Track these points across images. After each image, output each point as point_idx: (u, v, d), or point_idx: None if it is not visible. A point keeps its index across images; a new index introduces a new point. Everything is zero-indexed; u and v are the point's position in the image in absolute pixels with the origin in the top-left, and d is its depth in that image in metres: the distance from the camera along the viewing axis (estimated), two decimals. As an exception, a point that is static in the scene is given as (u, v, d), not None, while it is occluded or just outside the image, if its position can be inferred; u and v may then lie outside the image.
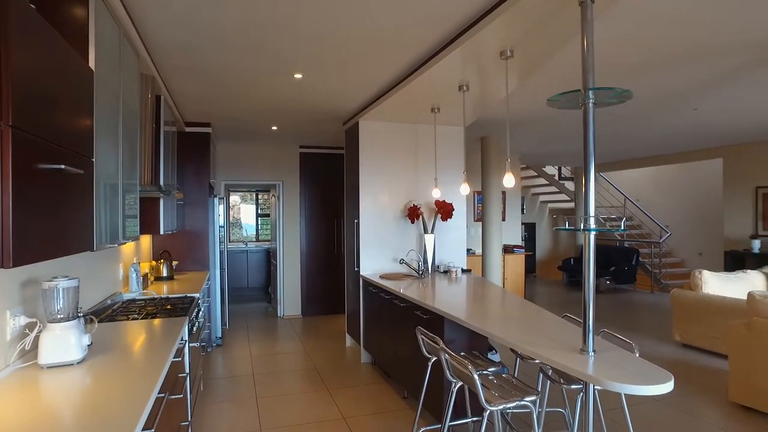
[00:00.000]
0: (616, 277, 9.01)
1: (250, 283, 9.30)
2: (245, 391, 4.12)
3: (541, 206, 11.92)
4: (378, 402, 3.90)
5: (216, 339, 5.56)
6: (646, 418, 3.57)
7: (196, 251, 5.41)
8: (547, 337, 2.32)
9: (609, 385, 1.77)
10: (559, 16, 2.38)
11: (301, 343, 5.72)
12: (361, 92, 4.18)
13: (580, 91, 2.03)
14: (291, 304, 7.25)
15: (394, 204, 5.04)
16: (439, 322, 3.17)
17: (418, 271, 4.62)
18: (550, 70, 3.56)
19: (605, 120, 5.52)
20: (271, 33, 2.84)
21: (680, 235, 10.01)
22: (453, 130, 5.18)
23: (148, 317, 2.80)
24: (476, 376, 2.14)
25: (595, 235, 2.07)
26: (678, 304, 5.47)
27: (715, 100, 4.57)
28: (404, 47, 3.07)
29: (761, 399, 3.59)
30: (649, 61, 3.41)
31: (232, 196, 10.32)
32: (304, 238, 7.25)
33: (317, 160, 7.31)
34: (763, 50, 3.19)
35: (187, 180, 5.40)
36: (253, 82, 3.85)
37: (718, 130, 6.29)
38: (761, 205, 7.34)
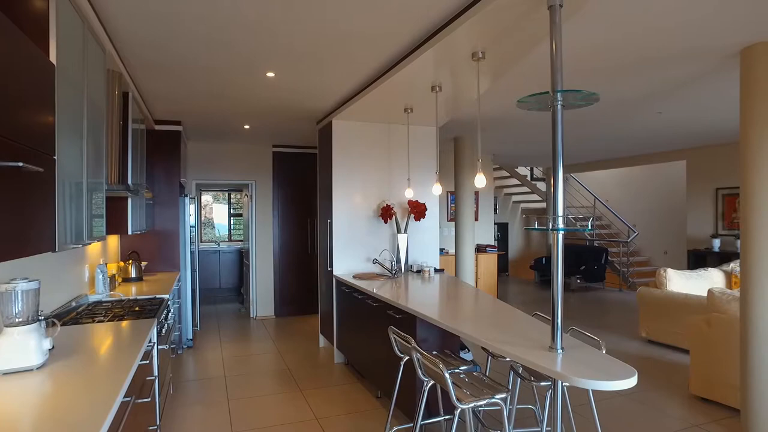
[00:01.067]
0: (586, 275, 9.22)
1: (222, 283, 9.16)
2: (216, 394, 4.06)
3: (513, 206, 12.10)
4: (351, 402, 3.89)
5: (187, 341, 5.46)
6: (613, 412, 3.67)
7: (167, 252, 5.30)
8: (518, 336, 2.35)
9: (576, 382, 1.81)
10: (528, 19, 2.42)
11: (273, 344, 5.67)
12: (334, 92, 4.17)
13: (548, 93, 2.07)
14: (264, 305, 7.17)
15: (368, 204, 5.04)
16: (411, 321, 3.18)
17: (391, 271, 4.63)
18: (523, 71, 3.62)
19: (575, 122, 5.64)
20: (242, 31, 2.81)
21: (647, 234, 10.31)
22: (426, 131, 5.22)
23: (114, 319, 2.73)
24: (447, 374, 2.16)
25: (563, 235, 2.11)
26: (644, 302, 5.63)
27: (678, 104, 4.72)
28: (377, 47, 3.07)
29: (719, 391, 3.72)
30: (616, 66, 3.50)
31: (204, 195, 10.14)
32: (277, 238, 7.19)
33: (291, 160, 7.25)
34: (722, 56, 3.31)
35: (157, 179, 5.28)
36: (224, 80, 3.79)
37: (682, 133, 6.50)
38: (721, 205, 7.62)
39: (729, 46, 3.13)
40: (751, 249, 3.12)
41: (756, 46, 3.08)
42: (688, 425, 3.44)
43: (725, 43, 3.06)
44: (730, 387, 3.65)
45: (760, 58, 3.07)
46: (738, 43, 3.08)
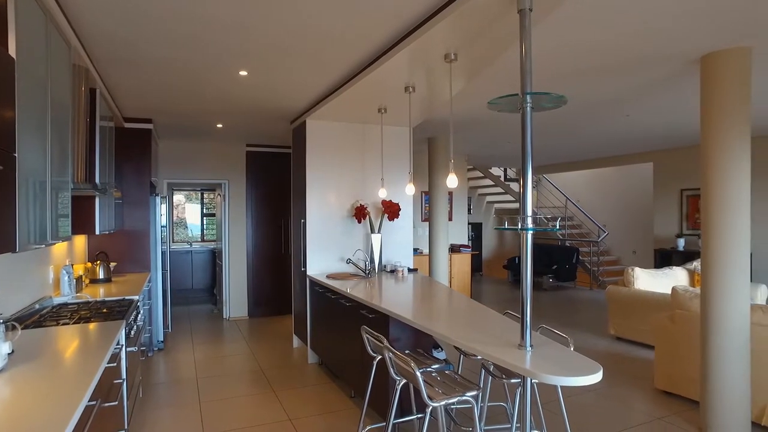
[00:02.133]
0: (558, 275, 9.40)
1: (194, 284, 9.02)
2: (188, 396, 4.00)
3: (487, 206, 12.25)
4: (325, 402, 3.88)
5: (157, 343, 5.35)
6: (582, 407, 3.75)
7: (137, 252, 5.19)
8: (489, 334, 2.39)
9: (544, 378, 1.85)
10: (499, 22, 2.46)
11: (247, 344, 5.61)
12: (308, 91, 4.15)
13: (518, 95, 2.10)
14: (237, 306, 7.09)
15: (342, 204, 5.04)
16: (384, 321, 3.20)
17: (365, 271, 4.63)
18: (497, 73, 3.67)
19: (547, 123, 5.75)
20: (214, 28, 2.77)
21: (616, 234, 10.57)
22: (400, 131, 5.24)
23: (80, 322, 2.66)
24: (419, 373, 2.18)
25: (532, 234, 2.15)
26: (613, 300, 5.77)
27: (644, 107, 4.86)
28: (351, 47, 3.07)
29: (682, 385, 3.85)
30: (584, 69, 3.59)
31: (177, 195, 9.96)
32: (250, 238, 7.11)
33: (264, 159, 7.18)
34: (684, 63, 3.42)
35: (127, 178, 5.17)
36: (195, 77, 3.73)
37: (648, 136, 6.69)
38: (685, 206, 7.87)
39: (690, 53, 3.24)
40: (711, 248, 3.24)
41: (714, 54, 3.20)
42: (651, 418, 3.55)
43: (686, 50, 3.17)
44: (691, 381, 3.77)
45: (718, 66, 3.19)
46: (698, 51, 3.19)
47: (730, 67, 3.15)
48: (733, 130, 3.15)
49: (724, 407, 3.20)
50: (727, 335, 3.18)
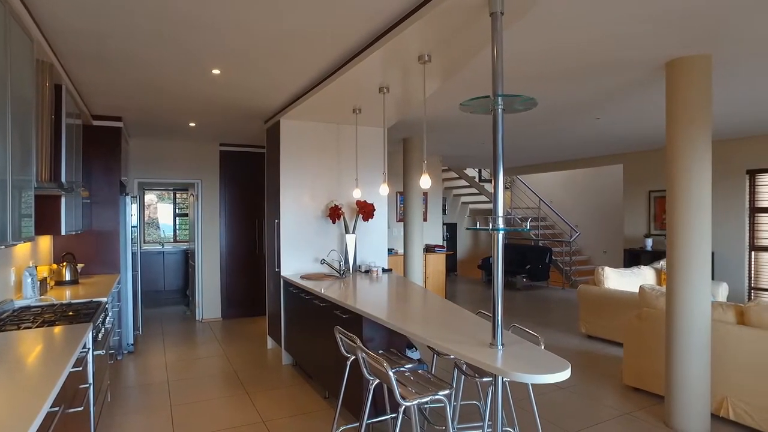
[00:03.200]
0: (531, 274, 9.54)
1: (166, 285, 8.84)
2: (158, 400, 3.92)
3: (462, 207, 12.36)
4: (299, 403, 3.86)
5: (127, 346, 5.23)
6: (553, 404, 3.82)
7: (106, 253, 5.06)
8: (461, 333, 2.41)
9: (514, 376, 1.88)
10: (472, 25, 2.49)
11: (220, 346, 5.53)
12: (282, 91, 4.12)
13: (489, 97, 2.13)
14: (210, 307, 6.98)
15: (316, 204, 5.01)
16: (358, 321, 3.20)
17: (340, 271, 4.62)
18: (472, 75, 3.71)
19: (520, 125, 5.83)
20: (187, 26, 2.73)
21: (588, 234, 10.80)
22: (374, 131, 5.25)
23: (44, 325, 2.58)
24: (391, 372, 2.19)
25: (510, 235, 2.18)
26: (583, 299, 5.89)
27: (614, 111, 4.98)
28: (325, 47, 3.06)
29: (649, 380, 3.96)
30: (556, 73, 3.65)
31: (148, 194, 9.75)
32: (224, 238, 7.01)
33: (238, 159, 7.10)
34: (650, 68, 3.52)
35: (95, 177, 5.03)
36: (166, 75, 3.67)
37: (618, 139, 6.86)
38: (653, 207, 8.10)
39: (655, 60, 3.33)
40: (675, 247, 3.34)
41: (678, 60, 3.30)
42: (619, 413, 3.64)
43: (652, 56, 3.26)
44: (657, 376, 3.89)
45: (681, 72, 3.30)
46: (663, 57, 3.29)
47: (692, 73, 3.26)
48: (695, 134, 3.26)
49: (687, 401, 3.30)
50: (689, 332, 3.29)
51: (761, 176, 6.75)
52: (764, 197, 6.76)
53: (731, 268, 6.95)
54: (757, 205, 6.81)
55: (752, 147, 6.72)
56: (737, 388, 3.36)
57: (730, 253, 6.97)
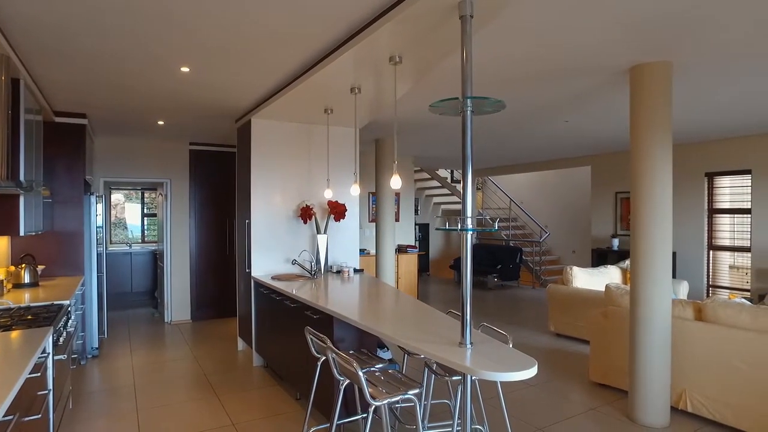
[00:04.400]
0: (502, 274, 9.68)
1: (134, 287, 8.62)
2: (124, 404, 3.82)
3: (434, 207, 12.45)
4: (270, 405, 3.82)
5: (92, 350, 5.08)
6: (523, 401, 3.89)
7: (69, 254, 4.90)
8: (431, 333, 2.43)
9: (483, 374, 1.91)
10: (442, 27, 2.51)
11: (189, 348, 5.43)
12: (253, 90, 4.07)
13: (458, 99, 2.16)
14: (180, 309, 6.85)
15: (287, 204, 4.97)
16: (328, 321, 3.19)
17: (311, 272, 4.60)
18: (444, 77, 3.73)
19: (491, 127, 5.91)
20: (152, 21, 2.67)
21: (558, 234, 11.03)
22: (346, 132, 5.24)
23: (0, 330, 2.48)
24: (361, 372, 2.19)
25: (474, 235, 2.21)
26: (552, 298, 6.01)
27: (582, 114, 5.10)
28: (296, 47, 3.04)
29: (613, 376, 4.07)
30: (525, 76, 3.72)
31: (115, 194, 9.50)
32: (194, 238, 6.89)
33: (209, 158, 6.98)
34: (614, 73, 3.62)
35: (58, 176, 4.87)
36: (133, 72, 3.58)
37: (586, 141, 7.03)
38: (620, 208, 8.33)
39: (619, 65, 3.43)
40: (639, 247, 3.45)
41: (640, 66, 3.41)
42: (586, 409, 3.74)
43: (616, 62, 3.36)
44: (621, 372, 4.00)
45: (644, 77, 3.40)
46: (626, 63, 3.39)
47: (653, 79, 3.37)
48: (657, 137, 3.37)
49: (648, 395, 3.41)
50: (651, 328, 3.40)
51: (719, 179, 7.03)
52: (721, 199, 7.03)
53: (691, 267, 7.20)
54: (715, 207, 7.08)
55: (711, 151, 6.98)
56: (695, 381, 3.49)
57: (690, 252, 7.22)
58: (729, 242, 6.97)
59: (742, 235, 6.81)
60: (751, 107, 4.82)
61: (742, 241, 6.79)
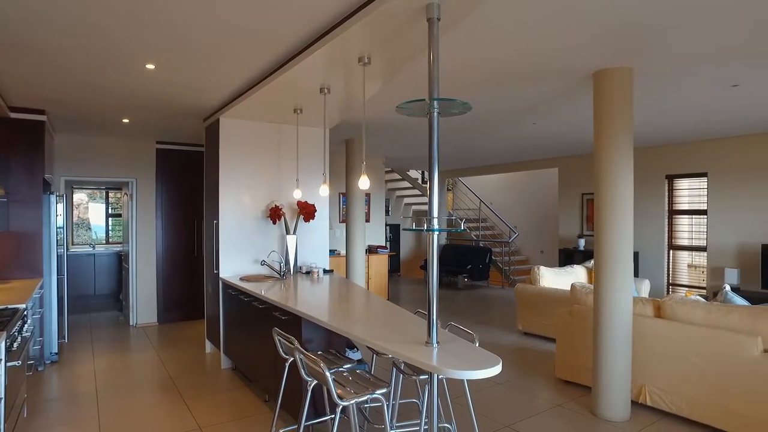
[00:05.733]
0: (472, 274, 9.80)
1: (97, 290, 8.37)
2: (84, 411, 3.70)
3: (405, 208, 12.51)
4: (238, 408, 3.77)
5: (50, 355, 4.90)
6: (490, 399, 3.95)
7: (26, 256, 4.73)
8: (399, 333, 2.45)
9: (448, 373, 1.93)
10: (410, 29, 2.53)
11: (155, 352, 5.30)
12: (221, 89, 4.01)
13: (425, 100, 2.18)
14: (145, 311, 6.68)
15: (256, 204, 4.92)
16: (297, 322, 3.17)
17: (280, 273, 4.56)
18: (415, 78, 3.76)
19: (459, 129, 5.99)
20: (115, 16, 2.60)
21: (526, 235, 11.23)
22: (315, 132, 5.21)
23: (-50, 334, 2.38)
24: (328, 373, 2.18)
25: (444, 235, 2.23)
26: (521, 297, 6.12)
27: (549, 116, 5.22)
28: (265, 45, 3.02)
29: (578, 373, 4.18)
30: (493, 78, 3.78)
31: (78, 193, 9.20)
32: (160, 239, 6.73)
33: (176, 157, 6.84)
34: (579, 78, 3.72)
35: (14, 174, 4.69)
36: (95, 68, 3.47)
37: (554, 143, 7.19)
38: (586, 208, 8.55)
39: (583, 69, 3.52)
40: (602, 246, 3.55)
41: (603, 71, 3.51)
42: (551, 405, 3.82)
43: (581, 66, 3.45)
44: (586, 369, 4.10)
45: (606, 82, 3.51)
46: (590, 68, 3.48)
47: (615, 84, 3.47)
48: (619, 140, 3.48)
49: (611, 390, 3.52)
50: (613, 325, 3.50)
51: (678, 181, 7.29)
52: (681, 200, 7.30)
53: (653, 266, 7.45)
54: (675, 208, 7.35)
55: (671, 154, 7.24)
56: (653, 375, 3.62)
57: (651, 252, 7.47)
58: (687, 242, 7.24)
59: (699, 235, 7.08)
60: (706, 113, 5.02)
61: (700, 241, 7.07)
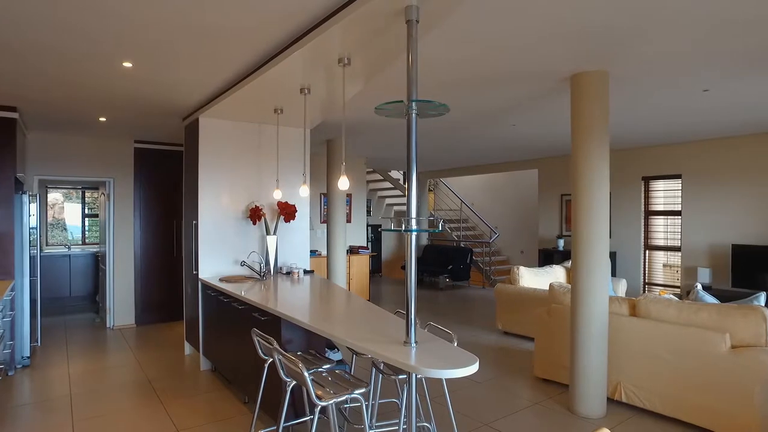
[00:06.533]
0: (453, 274, 9.87)
1: (73, 291, 8.21)
2: (57, 416, 3.63)
3: (387, 209, 12.53)
4: (217, 409, 3.74)
5: (22, 359, 4.79)
6: (470, 398, 3.99)
7: (-3, 257, 4.61)
8: (378, 333, 2.46)
9: (426, 372, 1.95)
10: (390, 30, 2.55)
11: (133, 354, 5.22)
12: (200, 88, 3.97)
13: (403, 102, 2.20)
14: (123, 313, 6.57)
15: (236, 205, 4.88)
16: (276, 323, 3.16)
17: (260, 273, 4.54)
18: (396, 79, 3.77)
19: (440, 130, 6.03)
20: (91, 11, 2.56)
21: (507, 235, 11.36)
22: (296, 132, 5.20)
23: None
24: (306, 373, 2.19)
25: (423, 235, 2.25)
26: (500, 297, 6.19)
27: (528, 118, 5.29)
28: (245, 45, 3.00)
29: (556, 372, 4.25)
30: (472, 80, 3.82)
31: (53, 193, 9.00)
32: (138, 240, 6.63)
33: (155, 157, 6.75)
34: (557, 80, 3.78)
35: (-15, 173, 4.57)
36: (71, 65, 3.41)
37: (533, 145, 7.29)
38: (565, 209, 8.68)
39: (561, 72, 3.59)
40: (579, 246, 3.61)
41: (581, 74, 3.58)
42: (530, 403, 3.87)
43: (558, 69, 3.51)
44: (563, 367, 4.17)
45: (583, 85, 3.58)
46: (568, 71, 3.55)
47: (591, 87, 3.54)
48: (595, 142, 3.55)
49: (587, 387, 3.58)
50: (590, 324, 3.57)
51: (654, 183, 7.46)
52: (657, 201, 7.47)
53: (630, 266, 7.60)
54: (651, 209, 7.51)
55: (646, 156, 7.40)
56: (628, 373, 3.70)
57: (628, 252, 7.62)
58: (663, 242, 7.40)
59: (674, 235, 7.25)
60: (679, 117, 5.15)
61: (674, 241, 7.24)
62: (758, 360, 3.07)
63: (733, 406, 3.14)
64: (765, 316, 3.22)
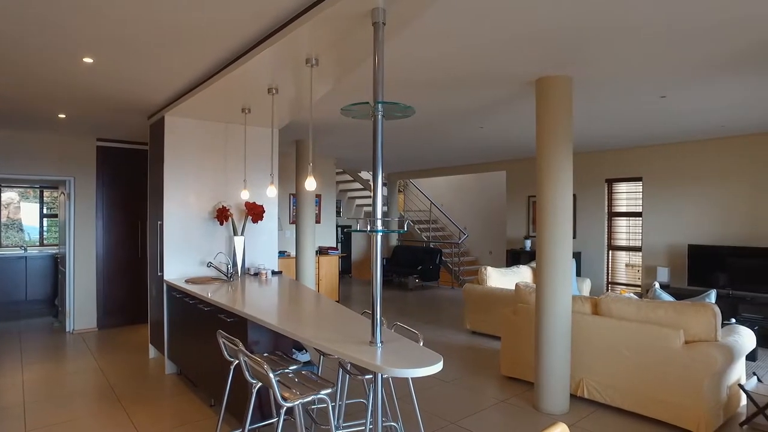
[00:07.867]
0: (423, 275, 9.94)
1: (29, 295, 7.90)
2: (9, 425, 3.48)
3: (357, 209, 12.53)
4: (182, 414, 3.67)
5: (-25, 365, 4.59)
6: (437, 397, 4.03)
7: (-52, 259, 4.41)
8: (345, 333, 2.47)
9: (391, 371, 1.97)
10: (357, 32, 2.56)
11: (94, 359, 5.06)
12: (165, 86, 3.89)
13: (368, 103, 2.21)
14: (84, 317, 6.36)
15: (202, 205, 4.80)
16: (242, 324, 3.13)
17: (227, 275, 4.48)
18: (367, 80, 3.78)
19: (409, 131, 6.07)
20: (50, 4, 2.48)
21: (476, 236, 11.51)
22: (264, 132, 5.15)
23: None
24: (272, 375, 2.17)
25: (384, 236, 2.27)
26: (469, 297, 6.27)
27: (495, 120, 5.39)
28: (212, 42, 2.96)
29: (521, 370, 4.34)
30: (439, 82, 3.87)
31: (8, 192, 8.66)
32: (101, 241, 6.44)
33: (119, 156, 6.57)
34: (522, 83, 3.87)
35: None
36: (27, 58, 3.29)
37: (501, 147, 7.42)
38: (531, 211, 8.86)
39: (527, 76, 3.67)
40: (543, 246, 3.71)
41: (545, 78, 3.67)
42: (497, 401, 3.94)
43: (523, 72, 3.59)
44: (529, 365, 4.26)
45: (547, 89, 3.67)
46: (533, 75, 3.63)
47: (556, 91, 3.64)
48: (560, 145, 3.65)
49: (551, 385, 3.67)
50: (554, 322, 3.66)
51: (617, 185, 7.70)
52: (620, 203, 7.71)
53: (594, 266, 7.82)
54: (614, 210, 7.75)
55: (610, 159, 7.63)
56: (590, 370, 3.81)
57: (593, 252, 7.84)
58: (625, 242, 7.65)
59: (635, 236, 7.50)
60: (639, 122, 5.34)
61: (636, 242, 7.49)
62: (708, 354, 3.22)
63: (685, 398, 3.28)
64: (715, 313, 3.38)
